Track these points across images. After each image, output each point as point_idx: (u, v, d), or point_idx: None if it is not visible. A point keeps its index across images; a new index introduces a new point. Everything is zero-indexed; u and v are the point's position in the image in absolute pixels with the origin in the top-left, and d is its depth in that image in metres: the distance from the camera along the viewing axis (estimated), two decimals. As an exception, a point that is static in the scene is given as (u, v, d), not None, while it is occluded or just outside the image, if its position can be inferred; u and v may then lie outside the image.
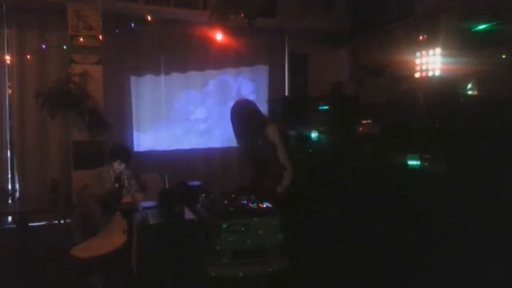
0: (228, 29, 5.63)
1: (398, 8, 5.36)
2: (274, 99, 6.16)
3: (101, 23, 5.33)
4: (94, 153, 5.25)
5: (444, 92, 3.24)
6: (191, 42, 5.98)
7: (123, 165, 4.38)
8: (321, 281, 3.38)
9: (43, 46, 5.22)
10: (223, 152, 6.42)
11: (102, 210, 4.08)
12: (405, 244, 3.32)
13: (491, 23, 3.35)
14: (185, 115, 6.32)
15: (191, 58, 6.14)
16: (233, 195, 3.15)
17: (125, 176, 4.04)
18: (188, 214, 2.98)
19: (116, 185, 4.10)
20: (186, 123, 6.35)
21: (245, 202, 3.01)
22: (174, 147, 6.26)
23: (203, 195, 3.33)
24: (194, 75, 6.28)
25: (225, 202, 3.00)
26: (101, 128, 5.28)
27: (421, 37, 4.38)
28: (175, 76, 6.17)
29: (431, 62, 3.54)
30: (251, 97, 6.41)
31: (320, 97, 5.05)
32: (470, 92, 3.23)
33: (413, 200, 3.35)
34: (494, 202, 2.98)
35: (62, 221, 5.06)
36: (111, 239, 3.80)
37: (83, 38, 5.19)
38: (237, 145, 3.76)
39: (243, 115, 3.53)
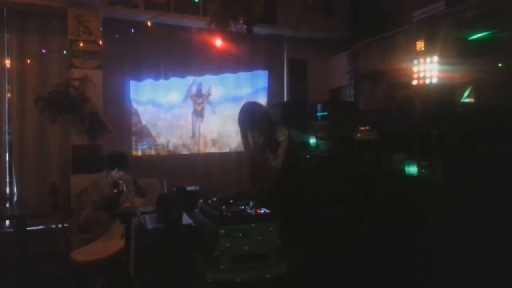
0: (228, 35, 5.67)
1: (397, 15, 5.40)
2: (272, 104, 6.18)
3: (101, 28, 5.35)
4: (93, 157, 5.24)
5: (441, 99, 3.26)
6: (191, 47, 5.99)
7: (121, 172, 4.39)
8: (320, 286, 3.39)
9: (44, 51, 5.23)
10: (222, 157, 6.43)
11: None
12: (405, 249, 3.33)
13: (488, 32, 3.38)
14: (184, 120, 6.32)
15: (190, 63, 6.15)
16: (231, 201, 3.16)
17: (121, 182, 4.05)
18: (186, 219, 2.99)
19: (115, 191, 4.09)
20: (185, 128, 6.35)
21: (243, 207, 3.02)
22: (173, 152, 6.27)
23: (201, 200, 3.35)
24: (193, 80, 6.30)
25: (223, 207, 3.00)
26: (101, 133, 5.29)
27: (418, 45, 4.39)
28: (175, 81, 6.17)
29: (428, 69, 3.57)
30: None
31: (319, 102, 5.06)
32: (467, 100, 3.26)
33: (412, 206, 3.35)
34: (492, 209, 2.99)
35: (60, 225, 5.06)
36: (110, 243, 3.81)
37: (83, 43, 5.21)
38: (244, 149, 3.74)
39: (254, 117, 3.50)
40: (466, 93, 3.21)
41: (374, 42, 5.73)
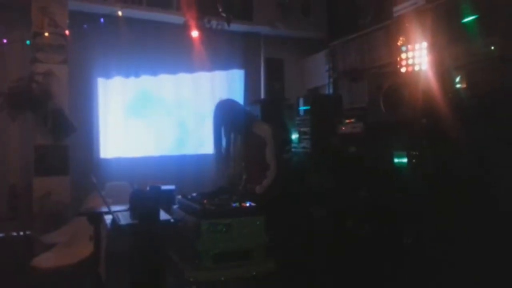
0: (204, 31, 5.48)
1: (375, 12, 5.33)
2: (250, 101, 6.00)
3: (68, 21, 5.03)
4: (57, 159, 4.89)
5: (431, 86, 3.16)
6: (164, 44, 5.76)
7: None
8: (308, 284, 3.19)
9: (4, 41, 4.86)
10: (197, 159, 6.16)
11: None
12: (394, 244, 3.17)
13: (478, 15, 3.31)
14: (156, 120, 6.03)
15: (164, 61, 5.89)
16: (213, 195, 2.95)
17: None
18: (164, 215, 2.74)
19: None
20: (158, 129, 6.06)
21: (226, 201, 2.81)
22: (144, 154, 5.95)
23: (180, 196, 3.12)
24: (166, 78, 6.03)
25: (205, 201, 2.78)
26: (66, 132, 4.93)
27: (401, 40, 4.31)
28: (146, 79, 5.90)
29: (417, 56, 3.48)
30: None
31: (300, 97, 4.89)
32: (458, 86, 3.16)
33: (401, 199, 3.21)
34: (484, 198, 2.88)
35: (21, 233, 4.67)
36: (77, 247, 3.50)
37: (48, 36, 4.87)
38: (214, 147, 3.53)
39: (230, 115, 3.36)
40: (457, 79, 3.12)
41: (352, 39, 5.65)
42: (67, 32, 4.99)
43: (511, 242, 2.69)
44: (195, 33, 5.48)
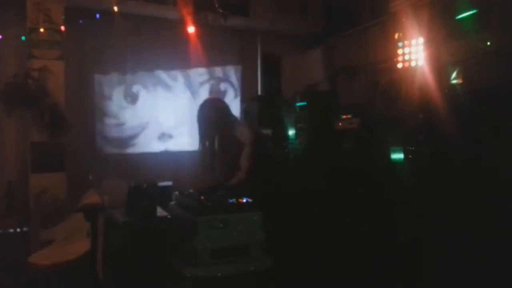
0: (200, 27, 5.46)
1: (371, 8, 5.33)
2: (248, 98, 5.99)
3: (64, 16, 5.00)
4: (54, 155, 4.88)
5: (428, 82, 3.16)
6: (161, 40, 5.73)
7: None
8: (306, 280, 3.20)
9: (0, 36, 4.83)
10: (193, 155, 6.14)
11: None
12: (389, 240, 3.18)
13: (474, 10, 3.32)
14: (152, 117, 6.02)
15: (160, 57, 5.87)
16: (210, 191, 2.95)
17: None
18: (161, 212, 2.75)
19: None
20: (154, 125, 6.04)
21: (223, 197, 2.81)
22: (141, 151, 5.94)
23: (177, 192, 3.12)
24: (163, 75, 6.01)
25: (202, 197, 2.78)
26: (62, 129, 4.92)
27: (396, 34, 4.30)
28: (143, 75, 5.87)
29: (413, 52, 3.49)
30: (223, 98, 6.21)
31: (297, 93, 4.89)
32: (454, 81, 3.17)
33: (397, 195, 3.22)
34: (480, 192, 2.90)
35: (18, 230, 4.66)
36: (74, 244, 3.48)
37: (43, 32, 4.84)
38: (199, 145, 3.51)
39: (212, 114, 3.35)
40: (454, 75, 3.13)
41: (349, 35, 5.65)
42: (62, 28, 4.96)
43: (508, 238, 2.70)
44: (191, 29, 5.45)
